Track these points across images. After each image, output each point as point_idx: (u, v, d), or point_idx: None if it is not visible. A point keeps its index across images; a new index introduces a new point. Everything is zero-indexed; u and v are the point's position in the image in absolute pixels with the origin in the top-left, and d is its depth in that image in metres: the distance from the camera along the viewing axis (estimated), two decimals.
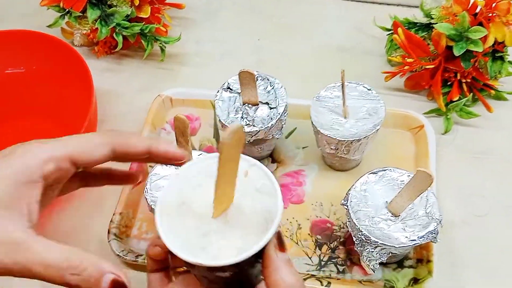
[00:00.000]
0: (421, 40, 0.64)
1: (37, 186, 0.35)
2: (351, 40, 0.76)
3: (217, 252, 0.33)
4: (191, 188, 0.36)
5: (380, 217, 0.50)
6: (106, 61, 0.76)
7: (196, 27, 0.79)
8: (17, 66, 0.69)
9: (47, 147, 0.35)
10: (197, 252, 0.33)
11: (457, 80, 0.64)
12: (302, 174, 0.63)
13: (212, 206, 0.34)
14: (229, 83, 0.59)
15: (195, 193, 0.36)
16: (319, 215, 0.60)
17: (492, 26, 0.59)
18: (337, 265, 0.56)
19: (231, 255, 0.33)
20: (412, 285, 0.54)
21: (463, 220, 0.59)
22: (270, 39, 0.77)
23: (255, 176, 0.36)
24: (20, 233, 0.33)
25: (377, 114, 0.55)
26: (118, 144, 0.37)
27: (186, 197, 0.35)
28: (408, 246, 0.48)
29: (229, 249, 0.33)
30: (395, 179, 0.51)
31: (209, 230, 0.34)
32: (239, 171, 0.34)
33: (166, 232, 0.33)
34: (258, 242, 0.33)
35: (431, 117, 0.66)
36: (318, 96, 0.57)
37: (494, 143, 0.64)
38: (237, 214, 0.35)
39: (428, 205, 0.50)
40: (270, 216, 0.34)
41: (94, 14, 0.69)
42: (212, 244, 0.33)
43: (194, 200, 0.35)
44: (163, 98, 0.68)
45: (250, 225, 0.34)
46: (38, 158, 0.35)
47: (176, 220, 0.34)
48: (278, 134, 0.59)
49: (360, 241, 0.50)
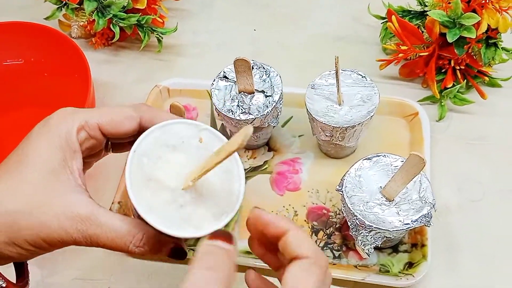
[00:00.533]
0: (415, 28, 0.64)
1: (79, 155, 0.37)
2: (346, 29, 0.76)
3: (199, 222, 0.35)
4: (152, 163, 0.36)
5: (375, 202, 0.50)
6: (103, 53, 0.76)
7: (193, 18, 0.80)
8: (15, 58, 0.69)
9: (80, 116, 0.37)
10: (183, 225, 0.34)
11: (451, 67, 0.65)
12: (298, 162, 0.64)
13: (178, 176, 0.35)
14: (225, 72, 0.59)
15: (158, 167, 0.36)
16: (315, 202, 0.60)
17: (485, 13, 0.60)
18: (333, 250, 0.57)
19: (210, 222, 0.35)
20: (407, 269, 0.55)
21: (457, 206, 0.60)
22: (266, 29, 0.78)
23: (209, 140, 0.37)
24: (84, 207, 0.35)
25: (371, 100, 0.56)
26: (147, 119, 0.39)
27: (150, 173, 0.36)
28: (402, 229, 0.48)
29: (207, 216, 0.35)
30: (389, 165, 0.52)
31: (184, 202, 0.35)
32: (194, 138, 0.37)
33: (147, 212, 0.34)
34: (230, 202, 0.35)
35: (426, 104, 0.66)
36: (313, 84, 0.58)
37: (488, 130, 0.65)
38: (204, 182, 0.36)
39: (422, 189, 0.50)
40: (233, 177, 0.36)
41: (91, 5, 0.70)
42: (192, 215, 0.35)
43: (159, 174, 0.36)
44: (160, 88, 0.69)
45: (218, 189, 0.36)
46: (72, 127, 0.36)
47: (150, 197, 0.35)
48: (274, 122, 0.59)
49: (355, 226, 0.51)
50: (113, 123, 0.38)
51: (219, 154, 0.33)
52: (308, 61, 0.73)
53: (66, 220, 0.34)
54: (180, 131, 0.37)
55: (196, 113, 0.69)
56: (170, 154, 0.36)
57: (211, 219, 0.35)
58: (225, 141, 0.37)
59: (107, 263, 0.58)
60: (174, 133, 0.37)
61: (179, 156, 0.37)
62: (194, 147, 0.37)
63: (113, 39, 0.73)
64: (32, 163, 0.35)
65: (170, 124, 0.37)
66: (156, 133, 0.37)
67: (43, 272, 0.58)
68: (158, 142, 0.37)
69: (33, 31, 0.67)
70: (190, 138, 0.37)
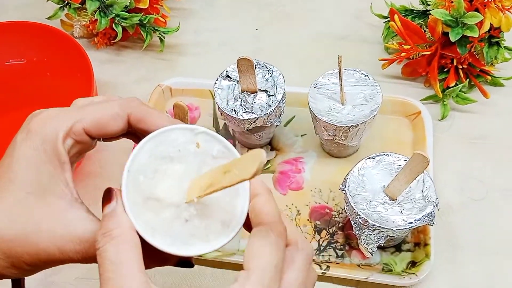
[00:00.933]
0: (418, 27, 0.64)
1: (68, 166, 0.34)
2: (348, 28, 0.76)
3: (208, 233, 0.33)
4: (149, 179, 0.33)
5: (378, 201, 0.50)
6: (106, 52, 0.76)
7: (195, 17, 0.80)
8: (18, 58, 0.69)
9: (63, 122, 0.34)
10: (191, 241, 0.32)
11: (453, 66, 0.65)
12: (301, 162, 0.64)
13: (179, 190, 0.33)
14: (227, 71, 0.59)
15: (156, 182, 0.34)
16: (318, 201, 0.60)
17: (487, 12, 0.60)
18: (336, 249, 0.57)
19: (219, 231, 0.33)
20: (410, 268, 0.55)
21: (460, 204, 0.60)
22: (268, 28, 0.78)
23: (206, 144, 0.35)
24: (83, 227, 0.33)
25: (374, 100, 0.56)
26: (136, 119, 0.36)
27: (149, 191, 0.33)
28: (405, 228, 0.48)
29: (216, 225, 0.33)
30: (392, 164, 0.52)
31: (189, 216, 0.33)
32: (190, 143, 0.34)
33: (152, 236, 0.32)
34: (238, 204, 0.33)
35: (428, 103, 0.66)
36: (316, 83, 0.58)
37: (491, 129, 0.65)
38: None
39: (425, 188, 0.50)
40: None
41: (93, 5, 0.70)
42: (199, 228, 0.33)
43: (159, 191, 0.33)
44: (163, 88, 0.69)
45: (222, 194, 0.33)
46: (57, 137, 0.33)
47: (152, 218, 0.33)
48: (277, 122, 0.59)
49: (358, 225, 0.51)
50: (99, 124, 0.35)
51: (229, 176, 0.30)
52: (311, 60, 0.73)
53: (65, 244, 0.32)
54: (175, 138, 0.35)
55: (198, 112, 0.69)
56: (167, 166, 0.34)
57: (220, 227, 0.33)
58: (223, 142, 0.35)
59: None
60: (169, 142, 0.34)
61: (178, 166, 0.34)
62: (192, 154, 0.35)
63: (115, 38, 0.73)
64: (23, 181, 0.33)
65: (163, 132, 0.34)
66: (149, 146, 0.34)
67: (46, 271, 0.58)
68: (152, 155, 0.34)
69: (36, 30, 0.67)
70: (187, 145, 0.35)
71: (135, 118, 0.36)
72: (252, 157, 0.29)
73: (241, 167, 0.30)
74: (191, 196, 0.33)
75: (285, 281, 0.31)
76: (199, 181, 0.33)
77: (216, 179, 0.31)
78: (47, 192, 0.33)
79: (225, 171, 0.31)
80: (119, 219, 0.31)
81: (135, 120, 0.36)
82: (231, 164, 0.31)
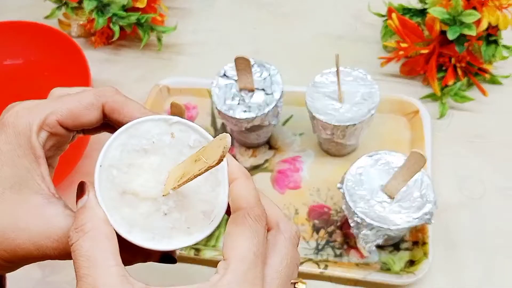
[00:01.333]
0: (416, 26, 0.64)
1: (43, 160, 0.33)
2: (346, 27, 0.76)
3: (189, 225, 0.32)
4: (124, 173, 0.32)
5: (376, 200, 0.50)
6: (103, 52, 0.76)
7: (192, 17, 0.80)
8: (15, 57, 0.69)
9: (35, 115, 0.33)
10: (172, 234, 0.32)
11: (451, 64, 0.65)
12: (299, 161, 0.64)
13: (156, 182, 0.32)
14: (225, 70, 0.59)
15: (131, 176, 0.32)
16: (316, 200, 0.60)
17: (485, 10, 0.60)
18: (334, 248, 0.57)
19: (202, 223, 0.32)
20: (408, 267, 0.55)
21: (458, 203, 0.59)
22: (266, 27, 0.78)
23: (182, 134, 0.34)
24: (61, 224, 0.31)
25: (372, 98, 0.56)
26: (110, 109, 0.35)
27: (124, 185, 0.32)
28: (403, 227, 0.48)
29: (196, 217, 0.32)
30: (390, 162, 0.52)
31: (168, 209, 0.32)
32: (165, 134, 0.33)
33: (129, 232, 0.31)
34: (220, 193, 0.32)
35: (427, 102, 0.66)
36: (313, 82, 0.58)
37: (489, 127, 0.65)
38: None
39: (423, 187, 0.50)
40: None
41: (90, 4, 0.70)
42: (179, 220, 0.32)
43: (135, 185, 0.32)
44: (161, 87, 0.69)
45: (201, 184, 0.32)
46: (31, 130, 0.32)
47: (129, 213, 0.32)
48: (275, 121, 0.59)
49: (356, 224, 0.50)
50: (73, 115, 0.33)
51: (198, 164, 0.30)
52: (309, 59, 0.73)
53: (43, 240, 0.31)
54: (149, 130, 0.33)
55: (196, 111, 0.69)
56: (142, 159, 0.33)
57: (202, 218, 0.32)
58: (199, 131, 0.34)
59: None
60: (142, 134, 0.33)
61: (153, 159, 0.33)
62: (167, 145, 0.34)
63: (113, 38, 0.73)
64: None
65: (135, 124, 0.33)
66: (121, 139, 0.33)
67: (44, 271, 0.58)
68: (125, 148, 0.33)
69: (33, 30, 0.67)
70: (161, 136, 0.34)
71: (109, 108, 0.34)
72: (217, 142, 0.28)
73: (209, 154, 0.29)
74: (167, 188, 0.32)
75: (270, 265, 0.31)
76: (175, 173, 0.32)
77: (188, 168, 0.31)
78: (23, 187, 0.32)
79: (196, 159, 0.30)
80: (91, 212, 0.30)
81: (109, 110, 0.34)
82: (200, 152, 0.30)
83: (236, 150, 0.65)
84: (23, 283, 0.57)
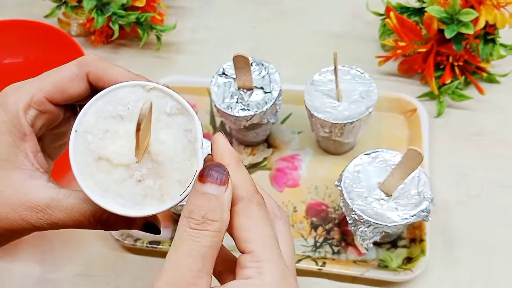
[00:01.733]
0: (414, 24, 0.64)
1: (31, 137, 0.34)
2: (345, 25, 0.76)
3: (161, 192, 0.32)
4: (99, 139, 0.32)
5: (373, 197, 0.50)
6: (103, 51, 0.76)
7: (191, 15, 0.80)
8: (15, 56, 0.69)
9: (22, 94, 0.34)
10: (146, 201, 0.32)
11: (449, 63, 0.65)
12: (298, 159, 0.64)
13: (131, 150, 0.32)
14: (224, 69, 0.59)
15: (106, 142, 0.33)
16: (314, 198, 0.61)
17: (483, 9, 0.60)
18: (332, 246, 0.57)
19: (174, 191, 0.32)
20: (405, 264, 0.55)
21: (456, 201, 0.60)
22: (265, 26, 0.78)
23: (159, 100, 0.33)
24: (43, 194, 0.33)
25: (370, 97, 0.56)
26: (95, 78, 0.34)
27: (99, 151, 0.32)
28: (401, 224, 0.49)
29: (171, 185, 0.32)
30: (387, 160, 0.52)
31: (141, 176, 0.32)
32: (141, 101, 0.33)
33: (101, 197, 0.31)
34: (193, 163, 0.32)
35: (424, 100, 0.66)
36: (312, 80, 0.58)
37: (487, 125, 0.65)
38: (160, 147, 0.33)
39: (420, 184, 0.51)
40: (192, 135, 0.33)
41: (90, 3, 0.70)
42: (152, 188, 0.32)
43: (109, 151, 0.32)
44: None
45: (178, 152, 0.32)
46: (17, 109, 0.33)
47: (103, 178, 0.32)
48: (273, 119, 0.59)
49: (353, 221, 0.51)
50: (59, 89, 0.34)
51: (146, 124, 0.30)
52: (307, 57, 0.73)
53: (26, 211, 0.33)
54: (125, 96, 0.33)
55: (195, 110, 0.68)
56: (117, 126, 0.32)
57: (177, 187, 0.32)
58: (175, 97, 0.33)
59: (107, 259, 0.59)
60: (118, 100, 0.33)
61: (128, 125, 0.33)
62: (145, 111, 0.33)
63: (112, 36, 0.73)
64: None
65: (111, 91, 0.33)
66: (97, 105, 0.33)
67: (43, 269, 0.59)
68: (101, 114, 0.33)
69: (33, 29, 0.68)
70: (138, 102, 0.33)
71: (93, 77, 0.34)
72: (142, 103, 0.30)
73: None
74: (141, 153, 0.32)
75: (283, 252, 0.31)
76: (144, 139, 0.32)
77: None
78: (5, 163, 0.33)
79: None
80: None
81: (94, 78, 0.34)
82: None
83: (235, 148, 0.65)
84: (23, 280, 0.58)
